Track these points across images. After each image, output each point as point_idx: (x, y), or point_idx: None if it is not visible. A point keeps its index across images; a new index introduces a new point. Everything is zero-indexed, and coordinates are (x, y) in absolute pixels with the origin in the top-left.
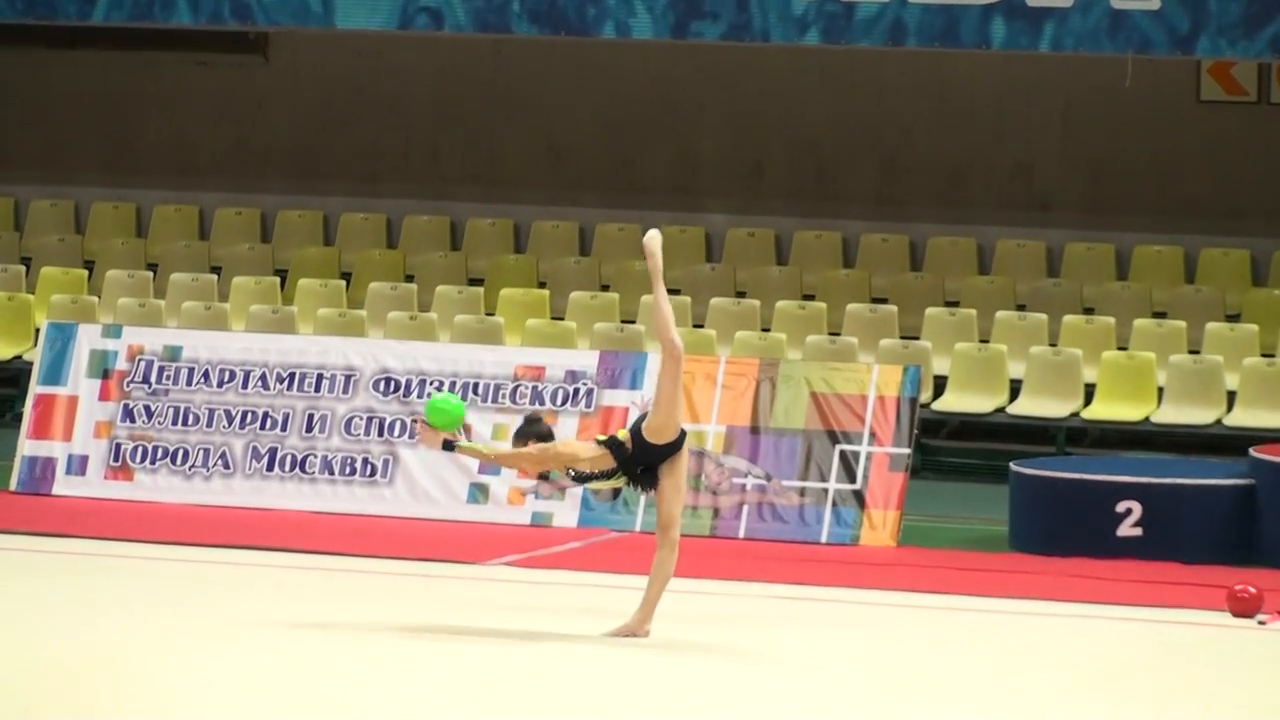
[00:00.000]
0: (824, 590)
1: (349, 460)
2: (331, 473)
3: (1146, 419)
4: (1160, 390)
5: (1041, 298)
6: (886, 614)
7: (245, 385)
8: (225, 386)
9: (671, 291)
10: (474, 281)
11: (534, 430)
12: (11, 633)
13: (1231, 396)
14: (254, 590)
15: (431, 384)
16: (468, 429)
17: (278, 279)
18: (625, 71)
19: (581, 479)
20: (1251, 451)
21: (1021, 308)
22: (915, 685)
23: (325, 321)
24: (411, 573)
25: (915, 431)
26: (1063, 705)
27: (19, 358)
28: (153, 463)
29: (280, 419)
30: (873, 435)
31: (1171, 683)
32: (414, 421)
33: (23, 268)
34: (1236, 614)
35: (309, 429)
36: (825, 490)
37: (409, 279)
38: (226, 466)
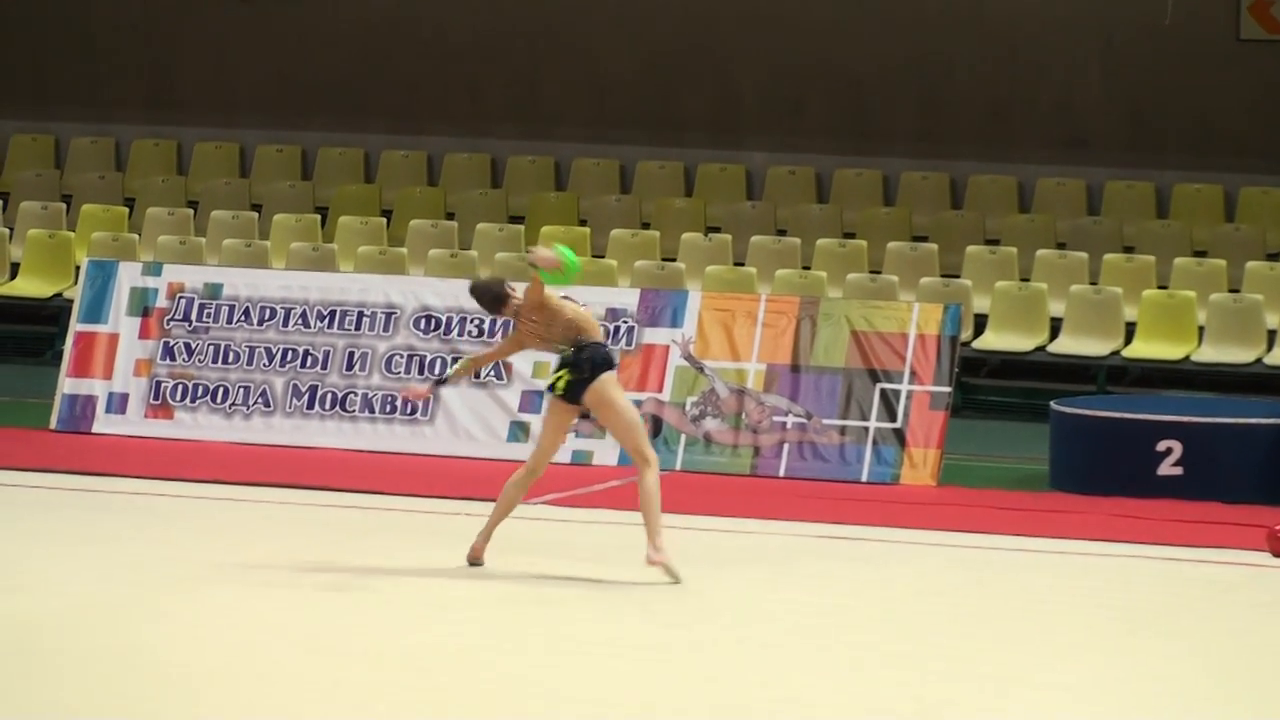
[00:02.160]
0: (864, 529)
1: (390, 398)
2: (372, 411)
3: (1187, 358)
4: (1200, 329)
5: (1082, 236)
6: (927, 553)
7: (286, 323)
8: (265, 324)
9: (712, 229)
10: (514, 219)
11: (490, 293)
12: (45, 571)
13: (1272, 335)
14: (293, 528)
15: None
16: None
17: (318, 216)
18: (666, 9)
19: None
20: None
21: (1062, 246)
22: (957, 621)
23: (366, 259)
24: (453, 511)
25: (956, 370)
26: (1102, 643)
27: (59, 295)
28: (193, 401)
29: (321, 357)
30: (913, 374)
31: (1212, 622)
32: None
33: (63, 205)
34: (1277, 554)
35: (349, 367)
36: (866, 429)
37: (449, 217)
38: (267, 405)
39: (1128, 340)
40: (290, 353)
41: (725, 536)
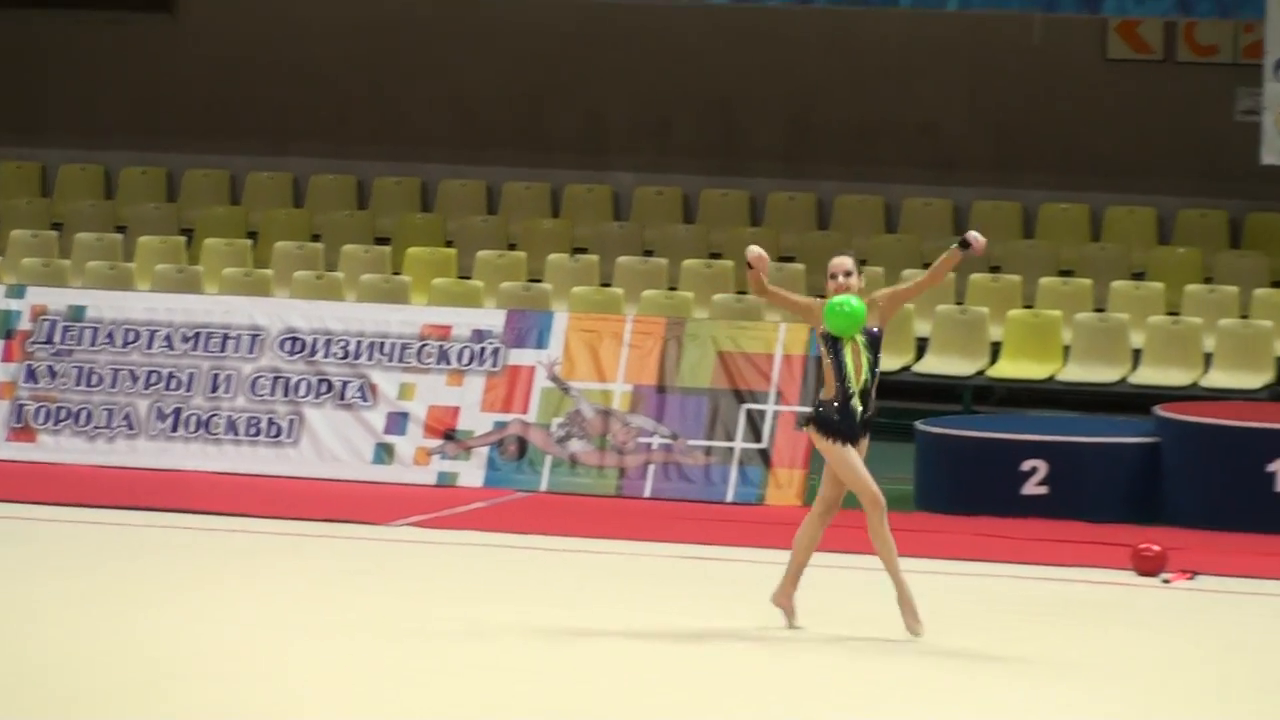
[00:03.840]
0: (730, 550)
1: (254, 421)
2: (236, 433)
3: (1052, 377)
4: (1066, 348)
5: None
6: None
7: (150, 345)
8: (130, 346)
9: (579, 250)
10: (380, 240)
11: None
12: None
13: (1137, 354)
14: (157, 552)
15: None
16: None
17: (183, 238)
18: (534, 30)
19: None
20: (1156, 410)
21: (926, 265)
22: (820, 643)
23: (231, 281)
24: (316, 534)
25: None
26: (967, 664)
27: None
28: (56, 424)
29: (185, 379)
30: (779, 394)
31: (1076, 641)
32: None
33: None
34: (1141, 573)
35: (214, 389)
36: (731, 449)
37: (315, 238)
38: (131, 427)
39: (993, 360)
40: (154, 375)
41: (591, 558)
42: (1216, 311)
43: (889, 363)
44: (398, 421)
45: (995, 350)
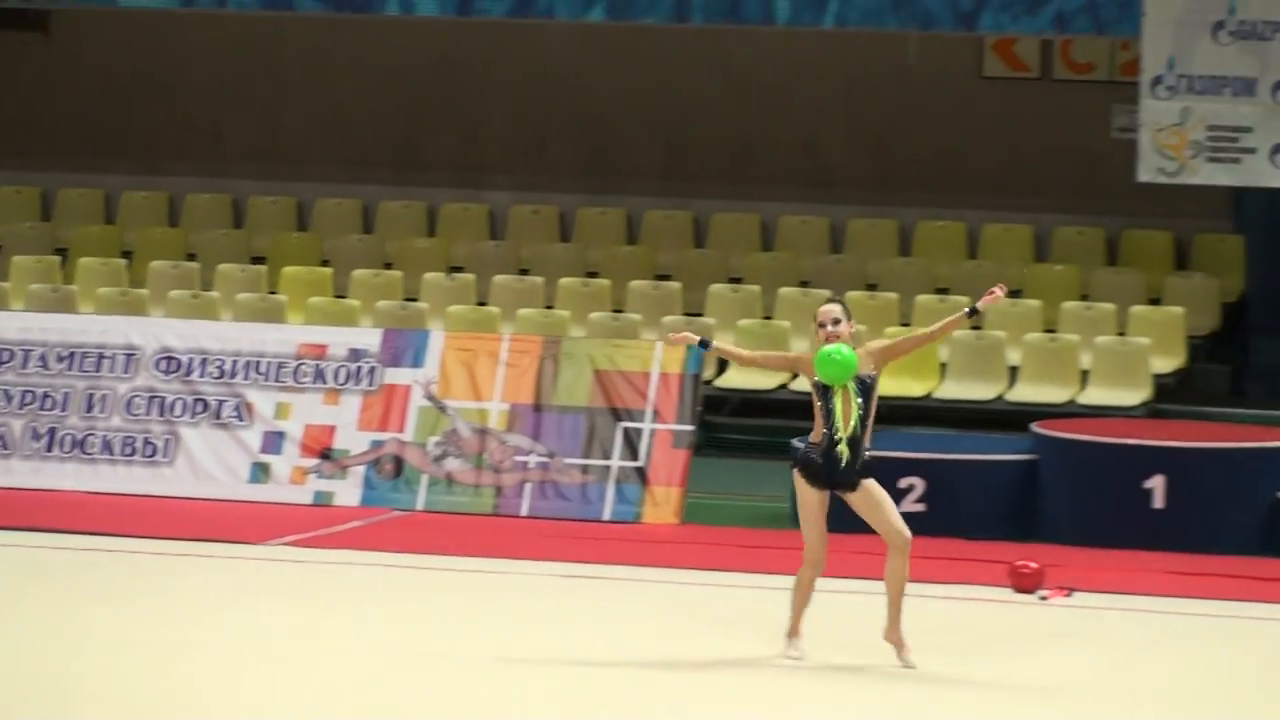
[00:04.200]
0: (607, 568)
1: (130, 440)
2: (112, 453)
3: (929, 395)
4: (943, 365)
5: (825, 273)
6: (669, 591)
7: (25, 365)
8: (4, 366)
9: (455, 269)
10: (256, 259)
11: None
12: None
13: (1014, 372)
14: (30, 572)
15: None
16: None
17: (58, 258)
18: (410, 50)
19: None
20: (1033, 427)
21: (805, 284)
22: (697, 662)
23: (106, 300)
24: (192, 553)
25: (698, 408)
26: (840, 682)
27: None
28: None
29: (60, 399)
30: (656, 412)
31: (952, 658)
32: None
33: None
34: (1018, 589)
35: (89, 409)
36: (608, 468)
37: (191, 257)
38: (4, 447)
39: None
40: (29, 395)
41: (469, 576)
42: (1093, 329)
43: (766, 381)
44: (274, 441)
45: None
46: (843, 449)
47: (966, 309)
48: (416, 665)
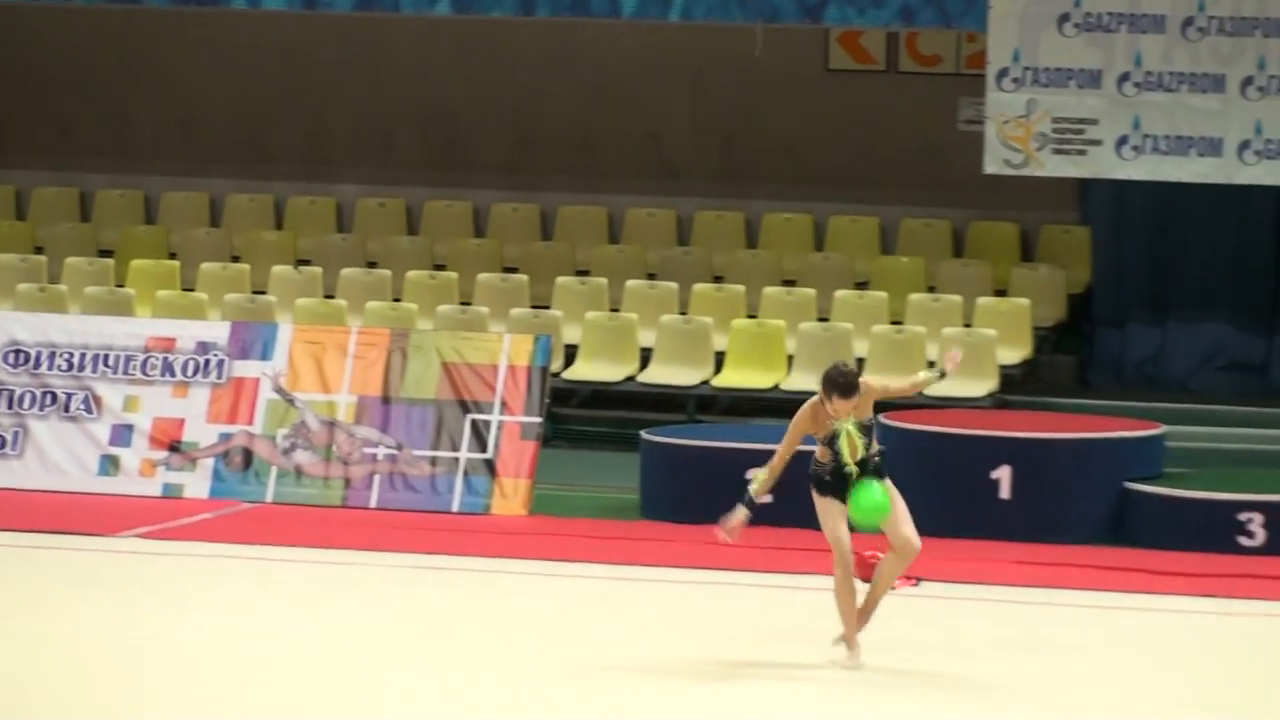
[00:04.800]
0: (455, 559)
1: None
2: None
3: (776, 386)
4: (790, 357)
5: (672, 266)
6: (518, 581)
7: None
8: None
9: (302, 262)
10: (104, 253)
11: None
12: None
13: (861, 363)
14: None
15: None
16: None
17: None
18: (257, 44)
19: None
20: (882, 418)
21: (652, 276)
22: (552, 652)
23: None
24: (42, 545)
25: (546, 400)
26: (682, 671)
27: None
28: None
29: None
30: (504, 404)
31: (804, 646)
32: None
33: None
34: (865, 579)
35: None
36: (456, 459)
37: (38, 250)
38: None
39: (718, 369)
40: None
41: (317, 568)
42: (940, 320)
43: (613, 373)
44: (123, 433)
45: (719, 360)
46: (850, 469)
47: (939, 373)
48: (266, 660)
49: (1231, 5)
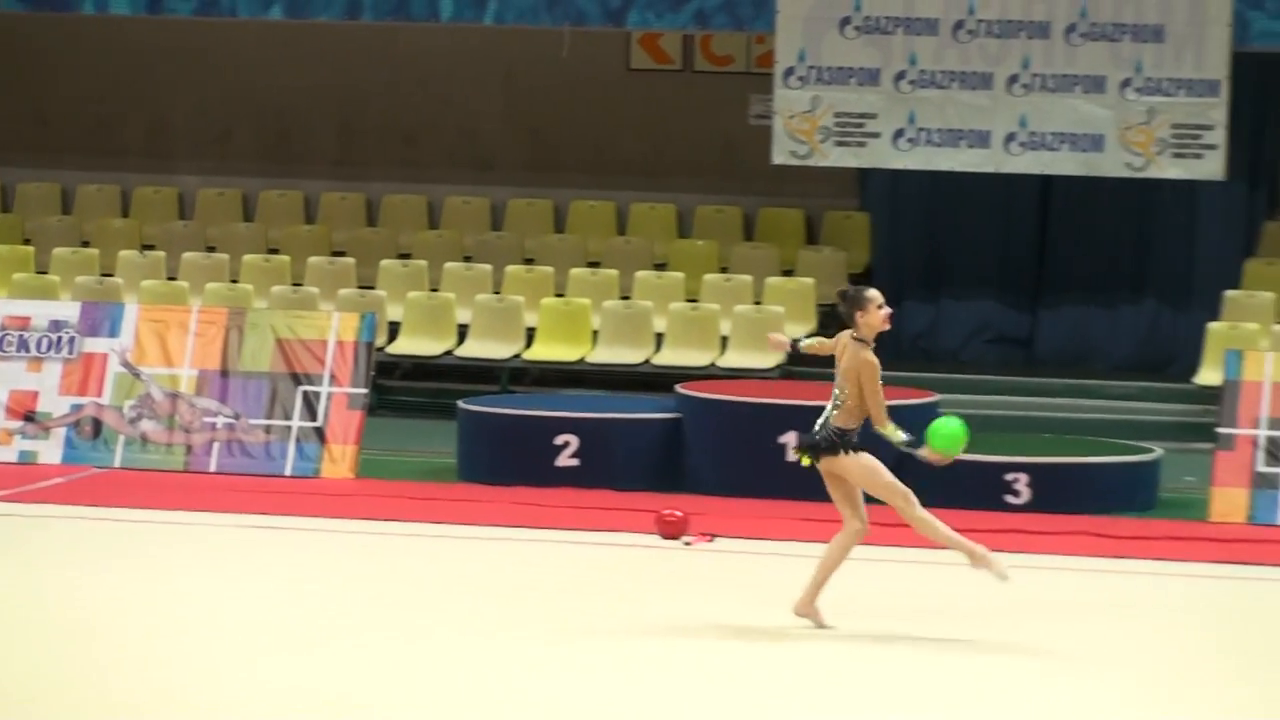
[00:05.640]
0: (289, 519)
1: None
2: None
3: (582, 359)
4: (595, 333)
5: (486, 249)
6: (347, 539)
7: None
8: None
9: (147, 246)
10: None
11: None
12: None
13: (660, 338)
14: None
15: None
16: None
17: None
18: (106, 44)
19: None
20: (677, 388)
21: (468, 259)
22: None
23: None
24: None
25: (371, 373)
26: (500, 620)
27: None
28: None
29: None
30: (333, 377)
31: (606, 599)
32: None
33: None
34: (665, 536)
35: None
36: (289, 427)
37: None
38: None
39: (528, 344)
40: None
41: (163, 528)
42: (732, 298)
43: (432, 347)
44: None
45: (530, 335)
46: (892, 435)
47: (907, 445)
48: (121, 615)
49: (998, 9)
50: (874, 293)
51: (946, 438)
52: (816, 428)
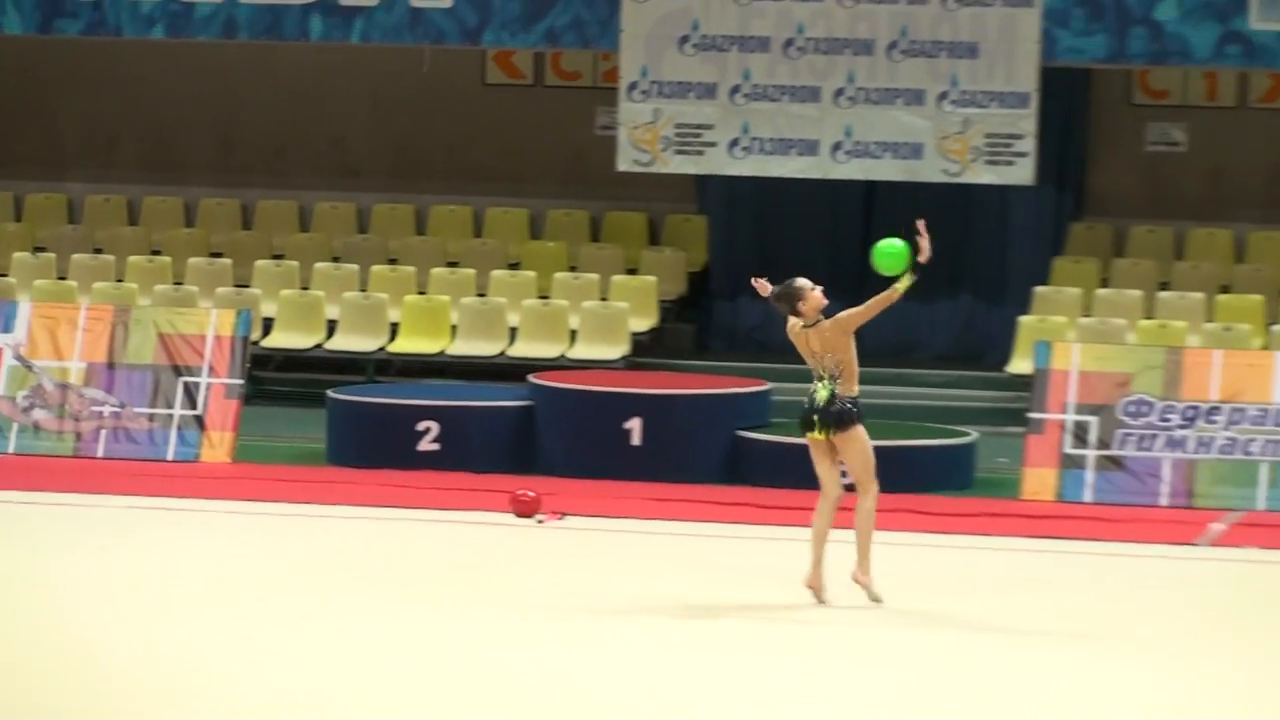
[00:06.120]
0: (172, 501)
1: None
2: None
3: (442, 352)
4: (454, 327)
5: (353, 250)
6: (227, 519)
7: None
8: None
9: (39, 249)
10: None
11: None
12: None
13: (514, 332)
14: None
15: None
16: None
17: None
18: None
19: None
20: (530, 378)
21: (336, 259)
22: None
23: None
24: None
25: (247, 365)
26: (371, 591)
27: None
28: None
29: None
30: (211, 369)
31: (467, 574)
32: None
33: None
34: (519, 515)
35: None
36: (171, 416)
37: None
38: None
39: (392, 337)
40: None
41: (53, 509)
42: (581, 295)
43: (304, 341)
44: None
45: (394, 329)
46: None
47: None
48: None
49: (825, 28)
50: (802, 281)
51: (891, 256)
52: (821, 404)
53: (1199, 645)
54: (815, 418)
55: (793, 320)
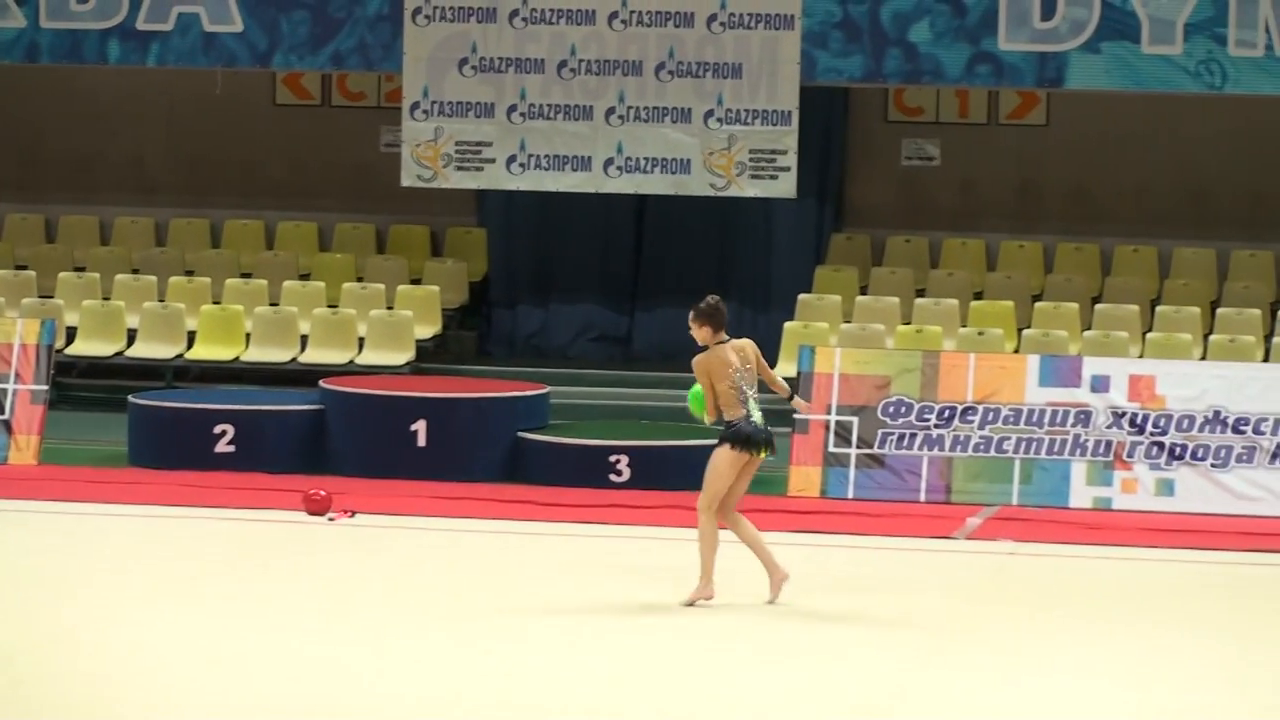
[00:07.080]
0: None
1: None
2: None
3: (237, 358)
4: (248, 335)
5: (152, 263)
6: (31, 518)
7: None
8: None
9: None
10: None
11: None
12: None
13: (305, 339)
14: None
15: None
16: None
17: None
18: None
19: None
20: (321, 383)
21: (136, 271)
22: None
23: None
24: None
25: (52, 372)
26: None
27: None
28: None
29: None
30: (18, 375)
31: (261, 568)
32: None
33: None
34: (311, 513)
35: None
36: None
37: None
38: None
39: (190, 345)
40: None
41: None
42: (368, 304)
43: (106, 349)
44: None
45: (191, 337)
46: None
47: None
48: None
49: (597, 50)
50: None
51: (692, 400)
52: (760, 424)
53: (954, 629)
54: (765, 438)
55: (725, 342)
